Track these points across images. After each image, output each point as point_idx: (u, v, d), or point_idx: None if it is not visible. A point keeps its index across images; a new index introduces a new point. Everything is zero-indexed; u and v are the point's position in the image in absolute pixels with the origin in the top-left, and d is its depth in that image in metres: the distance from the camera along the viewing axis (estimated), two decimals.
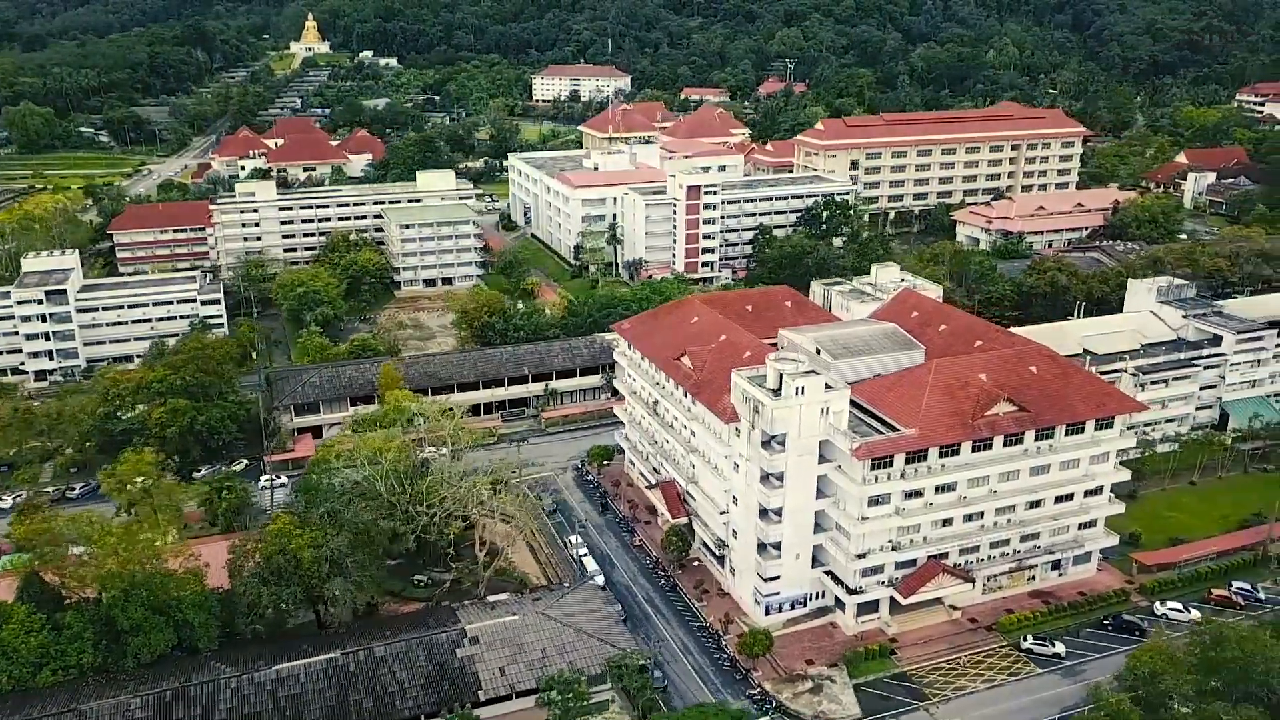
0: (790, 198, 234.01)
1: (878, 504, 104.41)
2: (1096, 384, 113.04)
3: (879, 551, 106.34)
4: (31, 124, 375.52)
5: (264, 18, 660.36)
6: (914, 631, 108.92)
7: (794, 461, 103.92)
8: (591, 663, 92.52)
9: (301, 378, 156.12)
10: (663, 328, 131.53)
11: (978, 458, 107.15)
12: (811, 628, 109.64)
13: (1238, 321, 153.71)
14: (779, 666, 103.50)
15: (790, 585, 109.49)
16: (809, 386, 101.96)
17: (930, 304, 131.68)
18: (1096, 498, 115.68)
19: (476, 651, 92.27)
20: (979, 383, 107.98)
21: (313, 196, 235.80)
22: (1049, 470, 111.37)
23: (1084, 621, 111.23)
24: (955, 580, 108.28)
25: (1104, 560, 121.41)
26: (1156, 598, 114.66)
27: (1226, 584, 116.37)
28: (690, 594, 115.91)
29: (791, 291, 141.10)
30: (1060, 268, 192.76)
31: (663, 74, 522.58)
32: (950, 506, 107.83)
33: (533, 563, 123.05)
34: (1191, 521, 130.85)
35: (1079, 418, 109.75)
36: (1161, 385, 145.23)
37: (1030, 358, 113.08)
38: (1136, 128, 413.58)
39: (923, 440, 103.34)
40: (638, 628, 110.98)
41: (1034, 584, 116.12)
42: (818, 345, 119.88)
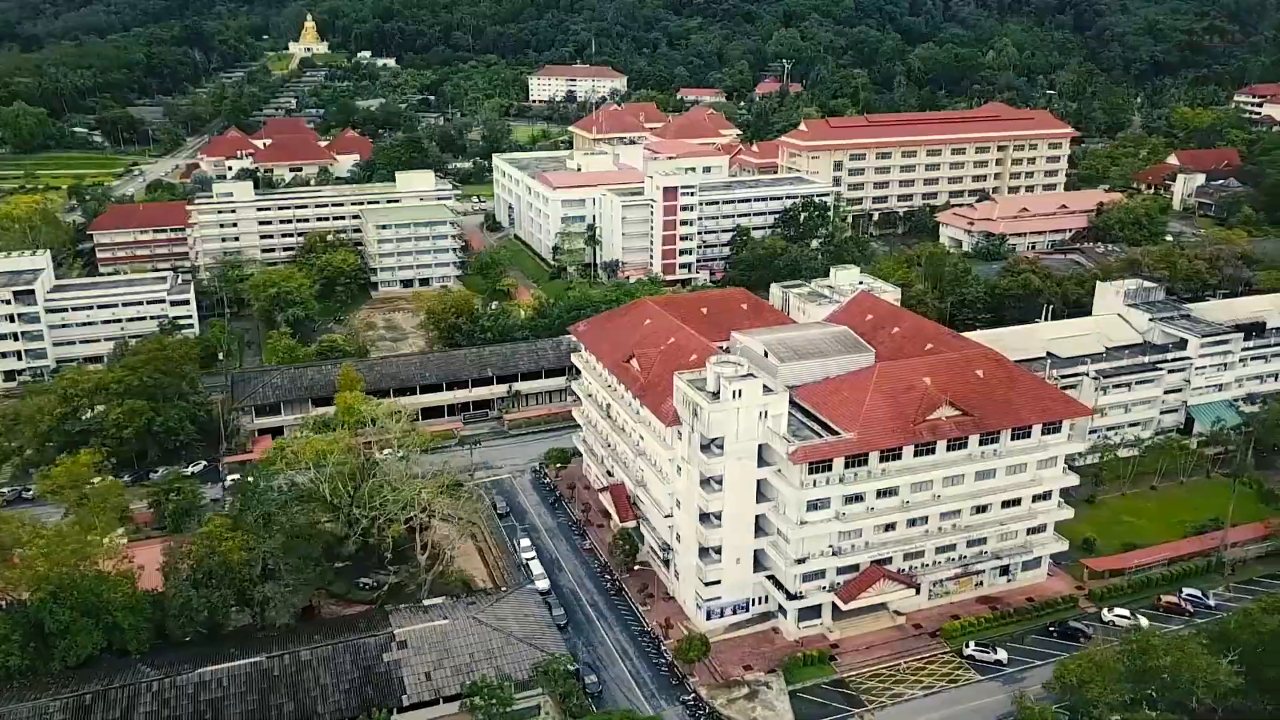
0: (769, 199, 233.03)
1: (817, 508, 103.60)
2: (1043, 388, 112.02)
3: (819, 556, 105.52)
4: (25, 124, 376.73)
5: (264, 18, 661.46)
6: (857, 637, 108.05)
7: (732, 465, 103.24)
8: (519, 668, 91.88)
9: (262, 379, 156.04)
10: (616, 330, 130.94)
11: (920, 462, 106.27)
12: (754, 633, 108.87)
13: (1204, 325, 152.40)
14: (717, 672, 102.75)
15: (732, 590, 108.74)
16: (746, 390, 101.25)
17: (885, 307, 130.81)
18: (1045, 503, 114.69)
19: (404, 656, 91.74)
20: (922, 386, 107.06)
21: (291, 197, 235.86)
22: (995, 475, 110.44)
23: (1030, 628, 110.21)
24: (897, 586, 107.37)
25: (1056, 566, 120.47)
26: (1105, 604, 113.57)
27: (1177, 591, 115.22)
28: (635, 598, 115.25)
29: (747, 294, 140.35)
30: (1034, 270, 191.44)
31: (659, 74, 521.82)
32: (893, 511, 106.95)
33: (481, 566, 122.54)
34: (1149, 527, 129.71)
35: (1023, 422, 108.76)
36: (1124, 389, 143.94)
37: (977, 362, 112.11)
38: (1132, 129, 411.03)
39: (862, 444, 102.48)
40: (580, 632, 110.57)
41: (982, 590, 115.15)
42: (766, 348, 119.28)
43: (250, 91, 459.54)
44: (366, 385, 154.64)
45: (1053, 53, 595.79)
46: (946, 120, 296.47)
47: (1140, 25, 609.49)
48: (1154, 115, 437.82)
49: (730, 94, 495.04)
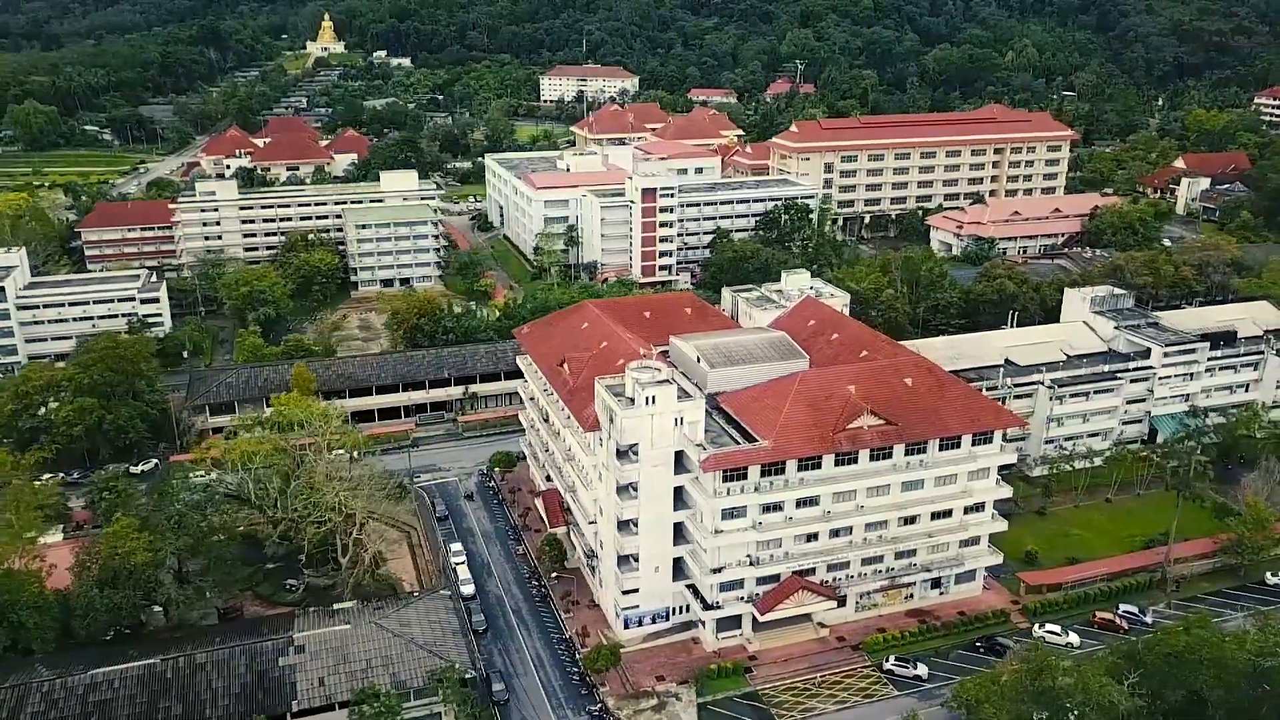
0: (751, 201, 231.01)
1: (733, 517, 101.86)
2: (973, 398, 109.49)
3: (736, 566, 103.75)
4: (35, 122, 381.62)
5: (283, 18, 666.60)
6: (777, 649, 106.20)
7: (648, 472, 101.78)
8: (416, 675, 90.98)
9: (218, 378, 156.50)
10: (557, 333, 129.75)
11: (841, 471, 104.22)
12: (672, 643, 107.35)
13: (1170, 334, 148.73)
14: (629, 682, 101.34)
15: (651, 599, 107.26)
16: (660, 396, 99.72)
17: (829, 313, 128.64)
18: (978, 515, 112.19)
19: (300, 661, 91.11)
20: (845, 395, 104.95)
21: (274, 196, 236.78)
22: (923, 486, 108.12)
23: (957, 643, 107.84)
24: (818, 597, 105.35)
25: (994, 579, 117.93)
26: (1039, 620, 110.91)
27: (1114, 607, 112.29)
28: (559, 605, 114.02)
29: (693, 298, 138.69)
30: (1010, 275, 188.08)
31: (671, 75, 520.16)
32: (814, 521, 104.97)
33: (411, 569, 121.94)
34: (1098, 540, 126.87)
35: (950, 432, 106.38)
36: (1081, 398, 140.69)
37: (906, 370, 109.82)
38: (1145, 131, 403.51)
39: (777, 453, 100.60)
40: (499, 638, 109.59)
41: (913, 602, 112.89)
42: (699, 353, 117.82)
43: (260, 91, 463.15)
44: (321, 385, 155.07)
45: (1073, 54, 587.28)
46: (941, 122, 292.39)
47: (1165, 26, 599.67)
48: (1171, 118, 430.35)
49: (741, 95, 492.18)
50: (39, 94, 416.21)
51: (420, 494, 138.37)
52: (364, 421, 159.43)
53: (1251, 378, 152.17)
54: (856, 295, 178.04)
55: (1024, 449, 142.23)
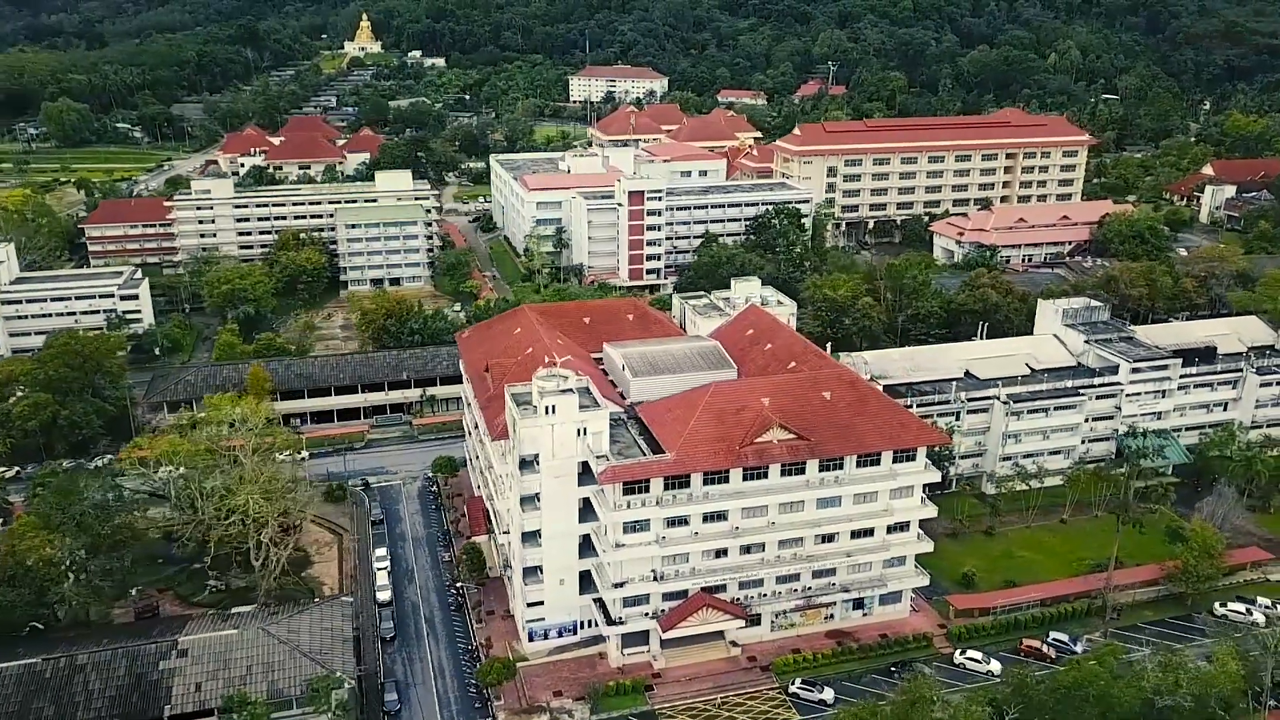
0: (744, 205, 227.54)
1: (635, 530, 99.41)
2: (895, 413, 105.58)
3: (640, 581, 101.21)
4: (68, 119, 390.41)
5: (324, 18, 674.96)
6: (683, 668, 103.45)
7: (550, 483, 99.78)
8: (295, 683, 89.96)
9: (178, 376, 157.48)
10: (491, 338, 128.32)
11: (750, 486, 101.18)
12: (578, 657, 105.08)
13: (1141, 349, 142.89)
14: (525, 697, 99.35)
15: (557, 612, 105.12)
16: (560, 405, 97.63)
17: (768, 322, 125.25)
18: (902, 534, 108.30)
19: (180, 665, 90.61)
20: (758, 407, 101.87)
21: (268, 195, 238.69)
22: (840, 503, 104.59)
23: (872, 667, 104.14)
24: (724, 615, 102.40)
25: (925, 602, 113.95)
26: (963, 645, 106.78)
27: (1044, 635, 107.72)
28: (473, 614, 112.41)
29: (636, 304, 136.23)
30: (994, 285, 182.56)
31: (701, 76, 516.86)
32: (722, 537, 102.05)
33: (336, 573, 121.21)
34: (1044, 563, 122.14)
35: (867, 448, 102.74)
36: (1041, 415, 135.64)
37: (826, 383, 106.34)
38: (1181, 136, 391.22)
39: (678, 466, 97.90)
40: (406, 646, 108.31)
41: (833, 623, 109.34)
42: (625, 361, 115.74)
43: (290, 90, 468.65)
44: (279, 385, 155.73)
45: (1118, 56, 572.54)
46: (951, 126, 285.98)
47: (1218, 27, 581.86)
48: (1210, 122, 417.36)
49: (771, 96, 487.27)
50: (76, 92, 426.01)
51: (362, 497, 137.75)
52: (323, 422, 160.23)
53: (1230, 396, 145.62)
54: (832, 303, 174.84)
55: (980, 466, 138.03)
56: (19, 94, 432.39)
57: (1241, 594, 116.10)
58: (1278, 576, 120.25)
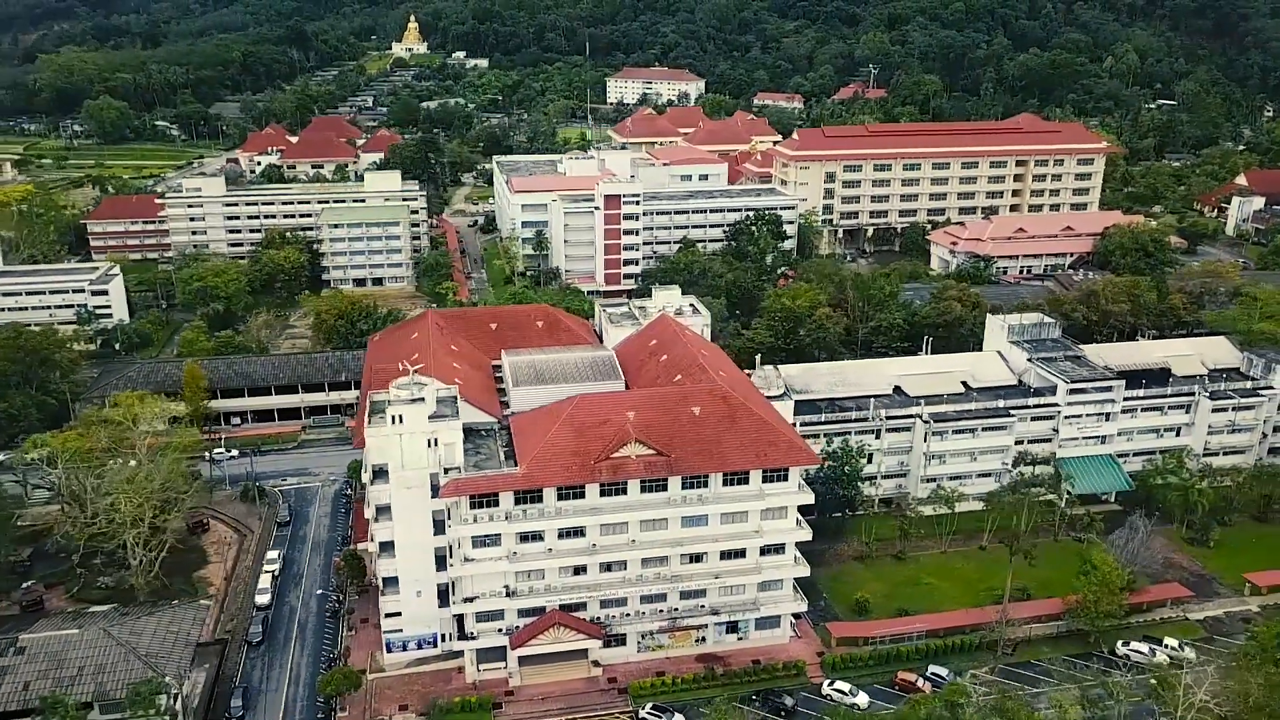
0: (726, 210, 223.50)
1: (486, 545, 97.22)
2: (767, 431, 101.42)
3: (492, 596, 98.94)
4: (108, 116, 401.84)
5: (375, 19, 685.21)
6: (539, 686, 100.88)
7: (401, 494, 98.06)
8: (124, 686, 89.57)
9: (120, 372, 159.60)
10: (395, 343, 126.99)
11: (608, 502, 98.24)
12: (436, 671, 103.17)
13: (1085, 369, 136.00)
14: (370, 709, 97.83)
15: (416, 624, 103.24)
16: (408, 415, 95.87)
17: (672, 332, 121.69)
18: (777, 557, 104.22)
19: (15, 663, 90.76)
20: (620, 422, 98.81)
21: (257, 194, 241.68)
22: (706, 522, 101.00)
23: (736, 694, 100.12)
24: (578, 634, 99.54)
25: (810, 628, 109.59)
26: (835, 675, 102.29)
27: (924, 667, 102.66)
28: (346, 622, 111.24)
29: (548, 311, 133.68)
30: (961, 298, 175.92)
31: (739, 78, 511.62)
32: (580, 554, 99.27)
33: (229, 574, 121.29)
34: (951, 591, 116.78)
35: (730, 467, 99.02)
36: (968, 435, 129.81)
37: (697, 398, 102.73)
38: (1227, 144, 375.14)
39: (526, 480, 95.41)
40: (273, 651, 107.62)
41: (704, 646, 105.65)
42: (511, 370, 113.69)
43: (327, 90, 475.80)
44: (218, 384, 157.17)
45: (1179, 60, 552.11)
46: (957, 132, 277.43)
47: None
48: (1261, 130, 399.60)
49: (808, 99, 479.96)
50: (122, 91, 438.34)
51: (278, 497, 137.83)
52: (264, 421, 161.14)
53: (1183, 421, 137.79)
54: (789, 314, 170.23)
55: (904, 487, 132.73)
56: (69, 92, 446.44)
57: (1152, 633, 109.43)
58: (1198, 615, 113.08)
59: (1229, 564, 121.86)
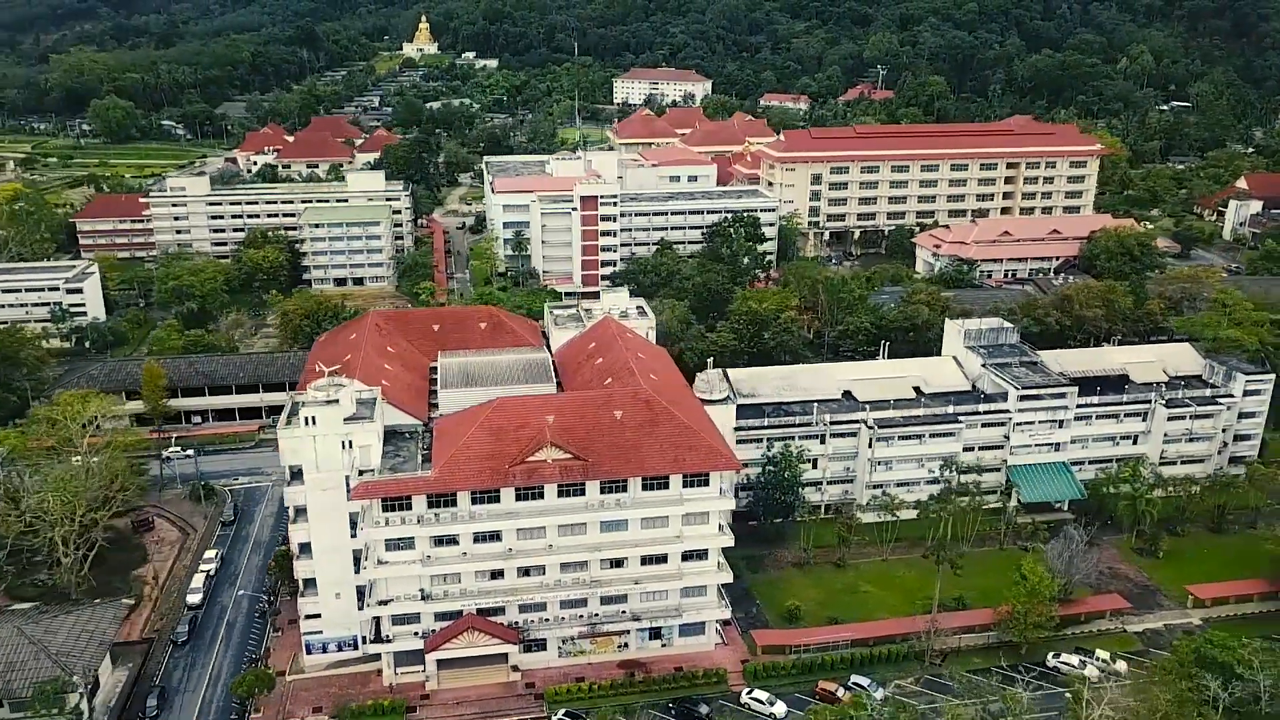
0: (706, 212, 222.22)
1: (399, 548, 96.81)
2: (688, 436, 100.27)
3: (407, 600, 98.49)
4: (113, 116, 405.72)
5: (387, 20, 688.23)
6: (457, 690, 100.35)
7: (316, 496, 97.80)
8: (31, 684, 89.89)
9: (82, 370, 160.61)
10: (336, 344, 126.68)
11: (524, 507, 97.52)
12: (356, 673, 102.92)
13: (1040, 375, 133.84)
14: (284, 711, 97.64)
15: (337, 626, 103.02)
16: (321, 416, 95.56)
17: (610, 335, 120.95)
18: (700, 563, 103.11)
19: None
20: (538, 425, 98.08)
21: (241, 193, 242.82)
22: (626, 527, 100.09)
23: (653, 702, 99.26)
24: (492, 638, 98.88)
25: (739, 635, 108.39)
26: (756, 684, 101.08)
27: (845, 677, 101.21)
28: (273, 622, 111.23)
29: (493, 311, 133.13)
30: (929, 301, 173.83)
31: (746, 79, 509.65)
32: (496, 558, 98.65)
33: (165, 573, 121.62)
34: (887, 599, 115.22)
35: (649, 471, 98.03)
36: (914, 441, 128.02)
37: (619, 401, 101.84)
38: (1234, 147, 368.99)
39: (437, 484, 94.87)
40: (197, 651, 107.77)
41: (627, 652, 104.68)
42: (443, 373, 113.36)
43: (333, 91, 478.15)
44: (180, 383, 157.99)
45: (1195, 61, 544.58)
46: (948, 134, 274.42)
47: None
48: (1275, 132, 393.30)
49: (815, 100, 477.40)
50: (130, 91, 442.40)
51: (226, 496, 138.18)
52: (226, 420, 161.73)
53: (1139, 429, 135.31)
54: (754, 317, 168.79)
55: (850, 493, 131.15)
56: (79, 92, 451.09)
57: (1090, 645, 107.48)
58: (1137, 628, 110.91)
59: (1176, 575, 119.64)
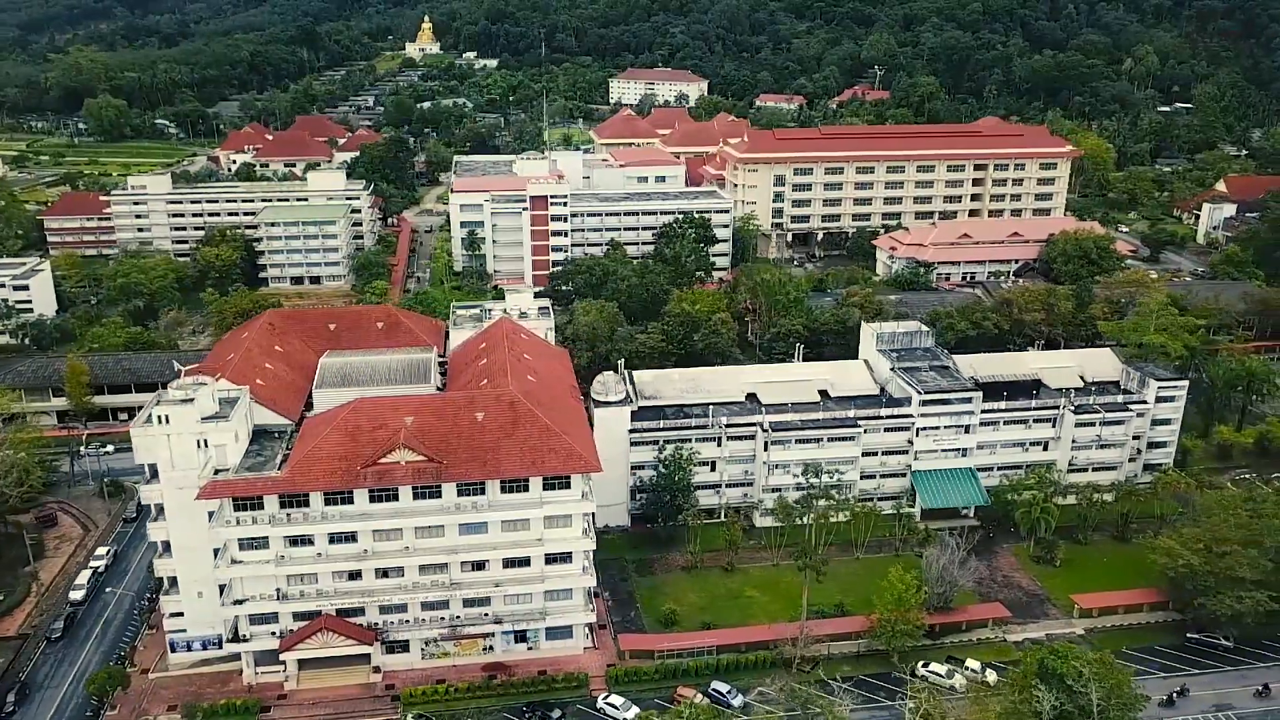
0: (659, 213, 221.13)
1: (253, 548, 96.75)
2: (546, 438, 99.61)
3: (264, 599, 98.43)
4: (106, 115, 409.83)
5: (394, 20, 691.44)
6: (315, 691, 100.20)
7: (173, 494, 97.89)
8: None
9: (12, 366, 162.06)
10: (231, 342, 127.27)
11: (378, 508, 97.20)
12: (217, 671, 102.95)
13: (946, 379, 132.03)
14: (139, 709, 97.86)
15: (201, 625, 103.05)
16: (174, 415, 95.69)
17: (501, 335, 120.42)
18: (564, 566, 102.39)
19: None
20: (396, 426, 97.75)
21: (201, 191, 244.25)
22: (487, 529, 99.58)
23: (510, 705, 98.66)
24: (346, 639, 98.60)
25: (613, 640, 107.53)
26: (618, 688, 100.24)
27: (706, 684, 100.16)
28: (147, 621, 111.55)
29: (389, 311, 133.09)
30: (864, 304, 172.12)
31: (743, 79, 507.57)
32: (353, 559, 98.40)
33: (59, 569, 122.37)
34: (771, 605, 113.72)
35: (505, 474, 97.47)
36: (812, 445, 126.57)
37: (482, 403, 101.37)
38: (1223, 149, 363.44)
39: (286, 484, 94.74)
40: (69, 647, 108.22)
41: (492, 655, 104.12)
42: (320, 372, 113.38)
43: (327, 90, 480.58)
44: (105, 379, 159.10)
45: (1202, 62, 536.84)
46: (915, 135, 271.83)
47: None
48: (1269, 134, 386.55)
49: (810, 101, 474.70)
50: (126, 90, 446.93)
51: (134, 493, 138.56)
52: None
53: (1048, 435, 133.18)
54: (684, 319, 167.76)
55: (749, 496, 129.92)
56: (78, 91, 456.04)
57: (972, 654, 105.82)
58: (1018, 637, 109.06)
59: (1069, 584, 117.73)
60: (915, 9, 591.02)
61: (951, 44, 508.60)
